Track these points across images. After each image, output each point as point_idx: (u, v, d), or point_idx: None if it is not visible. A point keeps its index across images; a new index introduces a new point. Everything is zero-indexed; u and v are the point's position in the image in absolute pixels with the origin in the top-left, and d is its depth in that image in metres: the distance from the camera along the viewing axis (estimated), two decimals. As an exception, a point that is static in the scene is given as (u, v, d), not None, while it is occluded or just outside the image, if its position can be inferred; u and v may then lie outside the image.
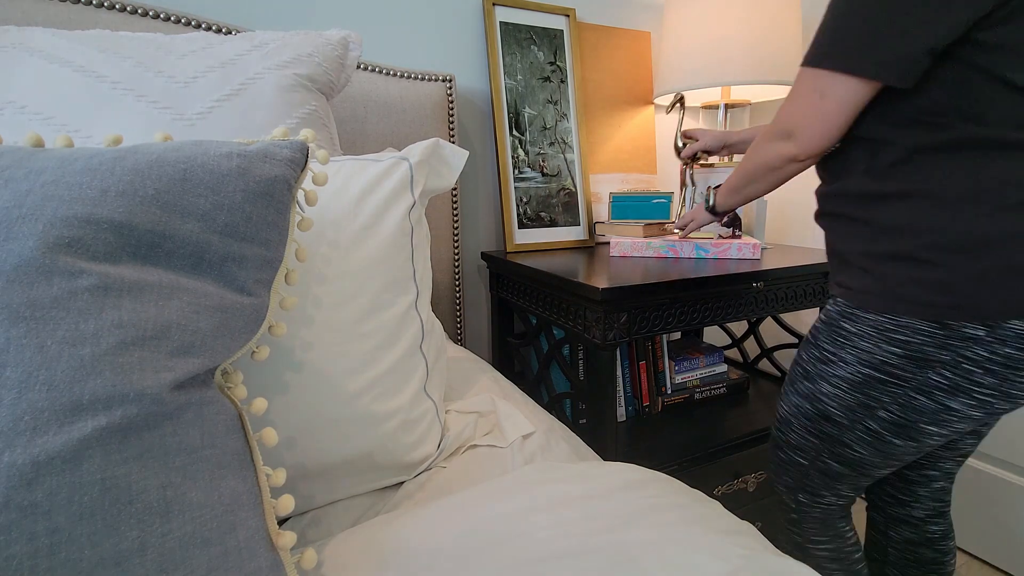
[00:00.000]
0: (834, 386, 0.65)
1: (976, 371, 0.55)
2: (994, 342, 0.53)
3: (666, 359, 1.27)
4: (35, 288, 0.29)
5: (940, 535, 0.79)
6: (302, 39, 0.78)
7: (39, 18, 0.77)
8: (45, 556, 0.25)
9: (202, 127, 0.65)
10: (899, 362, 0.58)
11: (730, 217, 1.06)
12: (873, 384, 0.61)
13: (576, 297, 0.90)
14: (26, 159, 0.33)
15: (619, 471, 0.52)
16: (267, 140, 0.42)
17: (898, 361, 0.58)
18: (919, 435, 0.60)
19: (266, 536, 0.34)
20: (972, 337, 0.54)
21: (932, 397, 0.57)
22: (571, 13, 1.30)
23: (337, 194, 0.56)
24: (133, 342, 0.30)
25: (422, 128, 1.12)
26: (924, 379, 0.57)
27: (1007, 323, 0.53)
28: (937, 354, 0.56)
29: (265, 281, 0.40)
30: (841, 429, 0.65)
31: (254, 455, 0.37)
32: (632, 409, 1.23)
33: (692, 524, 0.44)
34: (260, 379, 0.49)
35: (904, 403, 0.59)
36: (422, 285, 0.61)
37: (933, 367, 0.56)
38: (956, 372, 0.56)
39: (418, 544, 0.42)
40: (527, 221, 1.24)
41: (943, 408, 0.57)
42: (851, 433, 0.64)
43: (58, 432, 0.26)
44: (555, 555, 0.40)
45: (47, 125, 0.60)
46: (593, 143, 1.36)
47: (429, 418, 0.59)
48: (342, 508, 0.55)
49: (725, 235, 1.08)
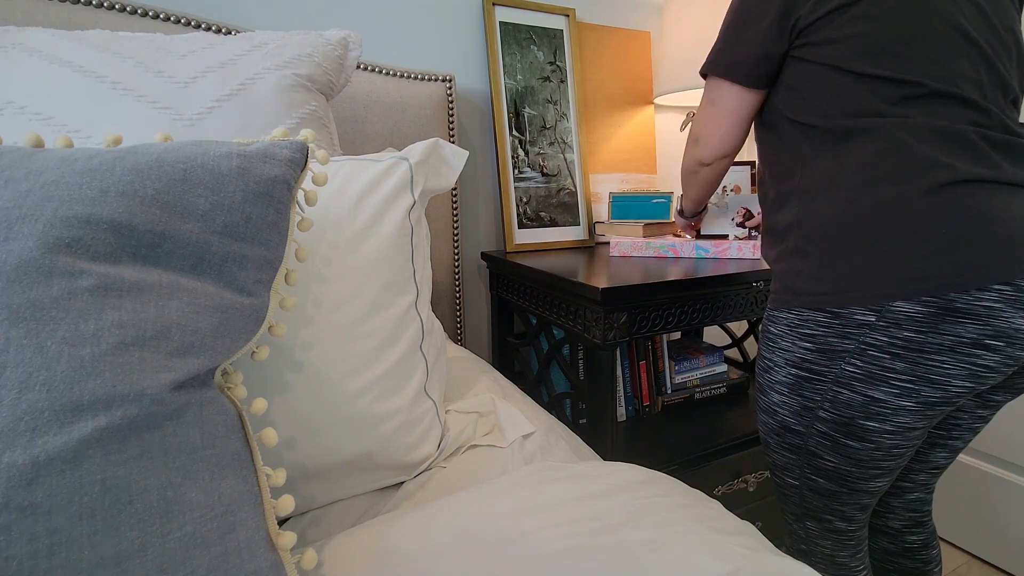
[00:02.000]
0: (779, 393, 0.65)
1: (883, 357, 0.54)
2: (889, 326, 0.52)
3: (666, 359, 1.27)
4: (35, 288, 0.29)
5: (920, 544, 0.77)
6: (302, 39, 0.78)
7: (39, 18, 0.77)
8: (45, 556, 0.25)
9: (202, 127, 0.65)
10: (813, 356, 0.59)
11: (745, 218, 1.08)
12: (802, 383, 0.61)
13: (576, 297, 0.90)
14: (26, 159, 0.33)
15: (619, 471, 0.52)
16: (267, 140, 0.42)
17: (812, 356, 0.59)
18: (866, 433, 0.58)
19: (266, 536, 0.34)
20: (865, 323, 0.54)
21: (854, 389, 0.57)
22: (571, 13, 1.30)
23: (337, 194, 0.56)
24: (133, 342, 0.30)
25: (422, 128, 1.12)
26: (839, 371, 0.57)
27: (892, 305, 0.52)
28: (841, 344, 0.56)
29: (265, 281, 0.40)
30: (802, 438, 0.64)
31: (254, 455, 0.37)
32: (632, 409, 1.23)
33: (692, 524, 0.44)
34: (260, 379, 0.49)
35: (833, 399, 0.59)
36: (422, 285, 0.61)
37: (843, 357, 0.56)
38: (864, 360, 0.55)
39: (418, 544, 0.42)
40: (527, 221, 1.24)
41: (869, 400, 0.56)
42: (812, 440, 0.63)
43: (58, 432, 0.26)
44: (555, 555, 0.39)
45: (47, 125, 0.60)
46: (593, 143, 1.36)
47: (429, 418, 0.59)
48: (342, 508, 0.55)
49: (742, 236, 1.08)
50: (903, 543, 0.77)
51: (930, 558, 0.77)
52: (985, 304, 0.49)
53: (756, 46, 0.62)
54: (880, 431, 0.57)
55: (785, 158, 0.63)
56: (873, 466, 0.60)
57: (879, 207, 0.52)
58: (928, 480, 0.74)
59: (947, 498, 1.31)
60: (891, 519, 0.77)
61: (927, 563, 0.77)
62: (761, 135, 0.70)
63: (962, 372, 0.52)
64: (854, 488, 0.63)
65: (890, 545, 0.78)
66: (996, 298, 0.49)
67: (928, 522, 0.78)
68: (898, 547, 0.77)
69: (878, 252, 0.52)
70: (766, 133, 0.68)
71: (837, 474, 0.63)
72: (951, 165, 0.50)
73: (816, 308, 0.57)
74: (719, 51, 0.67)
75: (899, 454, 0.59)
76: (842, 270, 0.54)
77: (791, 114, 0.62)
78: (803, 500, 0.68)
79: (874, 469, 0.61)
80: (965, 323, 0.50)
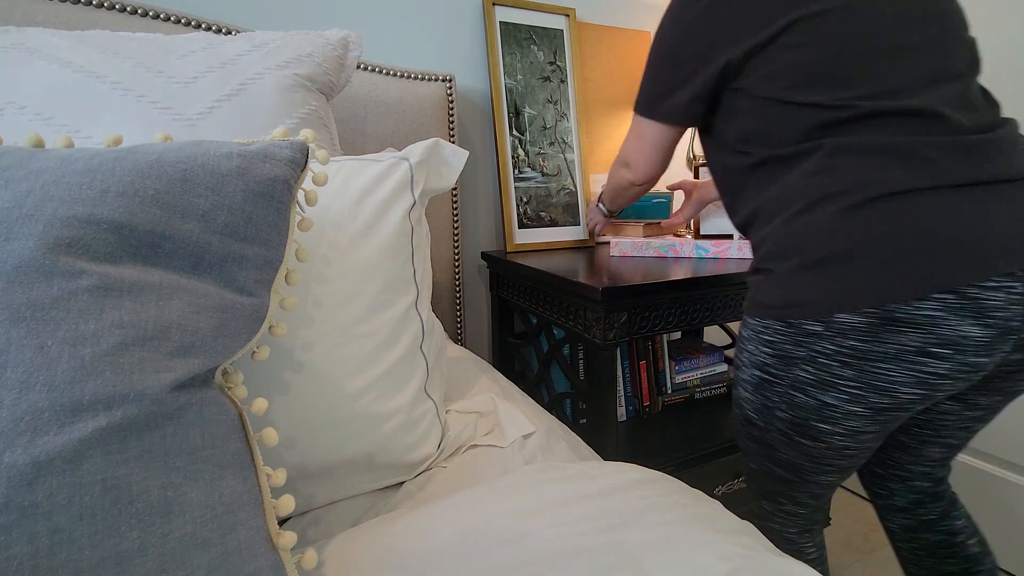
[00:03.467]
0: (744, 390, 0.68)
1: (833, 364, 0.56)
2: (835, 335, 0.54)
3: (666, 359, 1.27)
4: (35, 288, 0.29)
5: (939, 515, 0.76)
6: (302, 39, 0.78)
7: (39, 18, 0.77)
8: (46, 556, 0.25)
9: (202, 127, 0.65)
10: (772, 361, 0.61)
11: None
12: (763, 385, 0.64)
13: (576, 297, 0.90)
14: (26, 160, 0.33)
15: (619, 471, 0.52)
16: (267, 140, 0.42)
17: (771, 360, 0.61)
18: (819, 434, 0.60)
19: (267, 536, 0.34)
20: (814, 332, 0.56)
21: (807, 393, 0.59)
22: (571, 13, 1.30)
23: (337, 194, 0.56)
24: (133, 342, 0.30)
25: (422, 128, 1.12)
26: (794, 376, 0.59)
27: (834, 317, 0.54)
28: (795, 351, 0.58)
29: (265, 281, 0.40)
30: (762, 431, 0.66)
31: (254, 455, 0.37)
32: (632, 409, 1.23)
33: (692, 524, 0.44)
34: (260, 379, 0.49)
35: (788, 401, 0.61)
36: (422, 285, 0.61)
37: (797, 364, 0.59)
38: (816, 367, 0.57)
39: (418, 544, 0.42)
40: (527, 221, 1.24)
41: (821, 404, 0.58)
42: (770, 435, 0.66)
43: (58, 432, 0.26)
44: (555, 555, 0.40)
45: (47, 126, 0.60)
46: (593, 143, 1.36)
47: (429, 418, 0.59)
48: (343, 508, 0.55)
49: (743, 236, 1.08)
50: (918, 517, 0.77)
51: (955, 529, 0.75)
52: (926, 313, 0.50)
53: (688, 89, 0.66)
54: (832, 432, 0.59)
55: (737, 183, 0.67)
56: (826, 463, 0.63)
57: (817, 229, 0.55)
58: (930, 471, 0.74)
59: (947, 498, 1.31)
60: (896, 499, 0.77)
61: (954, 534, 0.75)
62: (711, 156, 0.72)
63: (910, 379, 0.53)
64: (807, 480, 0.66)
65: (907, 521, 0.78)
66: (937, 307, 0.50)
67: (943, 495, 0.76)
68: (915, 522, 0.77)
69: (820, 270, 0.54)
70: (716, 155, 0.71)
71: (792, 466, 0.66)
72: (883, 180, 0.52)
73: (775, 319, 0.60)
74: (651, 94, 0.71)
75: (851, 455, 0.61)
76: (793, 287, 0.57)
77: (736, 144, 0.65)
78: (761, 483, 0.73)
79: (827, 465, 0.63)
80: (907, 332, 0.51)
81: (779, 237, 0.59)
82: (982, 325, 0.50)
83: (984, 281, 0.49)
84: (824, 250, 0.54)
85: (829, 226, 0.54)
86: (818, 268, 0.55)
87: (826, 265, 0.54)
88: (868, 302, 0.51)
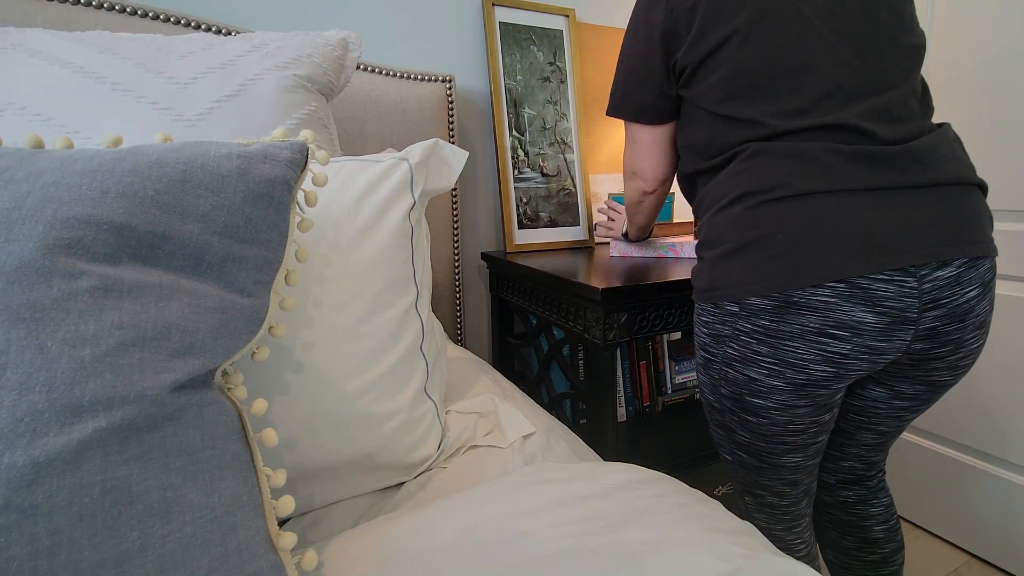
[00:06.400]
0: (699, 372, 0.73)
1: (751, 341, 0.62)
2: (750, 315, 0.61)
3: (666, 359, 1.27)
4: (35, 289, 0.29)
5: (855, 500, 0.81)
6: (302, 40, 0.78)
7: (39, 19, 0.77)
8: (46, 557, 0.25)
9: (202, 128, 0.65)
10: (708, 340, 0.68)
11: None
12: (707, 363, 0.69)
13: (576, 297, 0.90)
14: (26, 160, 0.33)
15: (619, 471, 0.52)
16: (267, 141, 0.42)
17: (708, 340, 0.68)
18: (756, 408, 0.65)
19: (267, 537, 0.34)
20: (734, 312, 0.63)
21: (735, 368, 0.65)
22: (571, 13, 1.30)
23: (337, 195, 0.56)
24: (133, 343, 0.30)
25: (422, 128, 1.12)
26: (724, 352, 0.65)
27: (747, 300, 0.61)
28: (722, 329, 0.65)
29: (265, 282, 0.40)
30: (720, 413, 0.71)
31: (254, 456, 0.37)
32: (632, 409, 1.23)
33: (692, 524, 0.44)
34: (260, 380, 0.49)
35: (724, 377, 0.67)
36: (422, 286, 0.61)
37: (725, 341, 0.65)
38: (739, 344, 0.63)
39: (419, 544, 0.42)
40: (527, 221, 1.24)
41: (748, 379, 0.64)
42: (725, 416, 0.70)
43: (58, 434, 0.26)
44: (555, 555, 0.40)
45: (47, 126, 0.60)
46: (593, 143, 1.36)
47: (429, 418, 0.59)
48: (343, 509, 0.55)
49: None
50: (838, 496, 0.83)
51: (865, 514, 0.81)
52: (820, 299, 0.57)
53: (651, 87, 0.72)
54: (765, 407, 0.64)
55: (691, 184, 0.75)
56: (779, 441, 0.67)
57: (733, 221, 0.62)
58: (862, 454, 0.79)
59: (947, 499, 1.31)
60: (825, 476, 0.84)
61: (863, 519, 0.81)
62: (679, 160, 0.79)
63: (817, 358, 0.59)
64: (773, 464, 0.69)
65: (826, 497, 0.85)
66: (830, 294, 0.56)
67: (869, 482, 0.81)
68: (833, 499, 0.84)
69: (735, 258, 0.62)
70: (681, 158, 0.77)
71: (754, 449, 0.69)
72: (790, 183, 0.58)
73: (705, 301, 0.67)
74: (621, 96, 0.76)
75: (798, 431, 0.65)
76: (716, 272, 0.64)
77: (688, 149, 0.72)
78: (738, 476, 0.75)
79: (781, 444, 0.67)
80: (807, 314, 0.58)
81: (708, 229, 0.66)
82: (875, 312, 0.56)
83: (875, 273, 0.55)
84: (739, 240, 0.61)
85: (742, 219, 0.61)
86: (733, 256, 0.62)
87: (739, 253, 0.61)
88: (771, 287, 0.58)
